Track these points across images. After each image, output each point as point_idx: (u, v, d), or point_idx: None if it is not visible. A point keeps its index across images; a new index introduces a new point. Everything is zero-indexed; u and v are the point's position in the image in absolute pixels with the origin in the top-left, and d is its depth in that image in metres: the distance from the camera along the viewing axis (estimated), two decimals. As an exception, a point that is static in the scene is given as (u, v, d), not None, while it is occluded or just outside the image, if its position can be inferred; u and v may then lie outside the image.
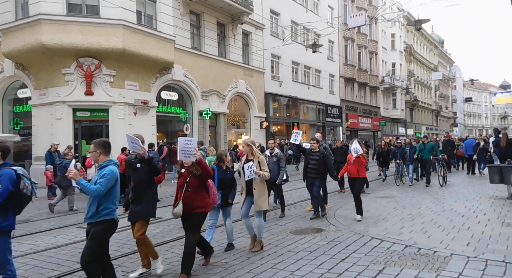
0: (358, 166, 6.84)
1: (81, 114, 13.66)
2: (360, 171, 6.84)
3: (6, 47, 13.51)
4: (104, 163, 3.59)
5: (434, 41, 54.18)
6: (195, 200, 4.23)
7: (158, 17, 14.84)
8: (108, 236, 3.58)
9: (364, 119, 33.97)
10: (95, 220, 3.48)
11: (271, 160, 7.17)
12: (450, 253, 4.56)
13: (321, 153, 7.11)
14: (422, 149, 11.42)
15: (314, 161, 7.09)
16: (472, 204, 7.85)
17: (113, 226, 3.60)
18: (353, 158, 6.81)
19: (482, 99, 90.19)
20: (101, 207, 3.47)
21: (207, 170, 4.26)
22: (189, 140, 4.23)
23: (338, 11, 30.02)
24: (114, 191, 3.55)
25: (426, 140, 11.80)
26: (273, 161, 7.17)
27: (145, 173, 4.27)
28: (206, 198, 4.38)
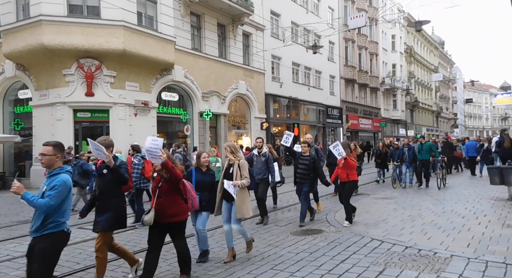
0: (347, 170, 6.54)
1: (82, 115, 13.67)
2: (350, 174, 6.56)
3: (7, 48, 13.54)
4: (55, 170, 3.10)
5: (435, 42, 54.20)
6: (169, 207, 3.86)
7: (158, 18, 14.86)
8: (58, 250, 3.11)
9: (364, 120, 33.96)
10: (40, 233, 3.00)
11: (259, 160, 7.00)
12: (450, 254, 4.56)
13: (311, 157, 6.71)
14: (420, 150, 11.21)
15: (304, 165, 6.68)
16: (472, 205, 7.85)
17: (62, 239, 3.13)
18: (342, 161, 6.50)
19: (483, 101, 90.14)
20: (48, 220, 3.02)
21: (174, 173, 3.82)
22: (156, 140, 3.82)
23: (338, 12, 30.04)
24: (66, 203, 3.11)
25: (424, 140, 11.56)
26: (261, 161, 6.98)
27: (111, 181, 3.90)
28: (182, 204, 4.01)
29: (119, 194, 4.02)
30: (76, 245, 5.79)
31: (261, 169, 6.91)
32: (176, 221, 3.91)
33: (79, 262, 4.94)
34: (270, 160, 6.99)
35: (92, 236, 6.31)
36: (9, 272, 4.69)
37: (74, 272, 4.55)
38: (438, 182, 10.73)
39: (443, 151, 14.83)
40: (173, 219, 3.88)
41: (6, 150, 15.74)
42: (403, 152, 11.39)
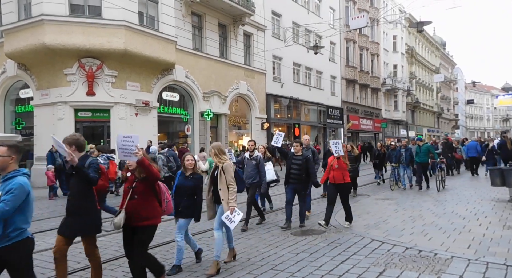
0: (342, 171, 6.34)
1: (83, 114, 13.69)
2: (345, 175, 6.37)
3: (9, 47, 13.57)
4: (10, 173, 2.85)
5: (436, 43, 54.14)
6: (142, 209, 3.59)
7: (160, 18, 14.87)
8: (29, 258, 2.91)
9: (365, 121, 33.93)
10: (4, 244, 2.74)
11: (250, 163, 6.75)
12: (450, 255, 4.55)
13: (304, 156, 6.44)
14: (418, 152, 10.96)
15: (296, 165, 6.40)
16: (473, 207, 7.84)
17: (30, 245, 2.93)
18: (336, 164, 6.28)
19: (484, 102, 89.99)
20: (9, 228, 2.76)
21: (151, 171, 3.56)
22: (129, 137, 3.58)
23: (339, 12, 30.02)
24: (26, 208, 2.84)
25: (421, 142, 11.36)
26: (252, 164, 6.70)
27: (79, 181, 3.58)
28: (157, 207, 3.74)
29: (89, 195, 3.67)
30: (76, 244, 5.78)
31: (252, 173, 6.68)
32: (148, 225, 3.63)
33: (79, 261, 4.95)
34: (262, 164, 6.73)
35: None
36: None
37: (74, 271, 4.55)
38: (437, 184, 10.53)
39: (443, 152, 14.66)
40: (147, 222, 3.61)
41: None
42: (400, 153, 11.16)
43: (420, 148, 10.97)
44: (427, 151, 10.90)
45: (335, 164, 6.31)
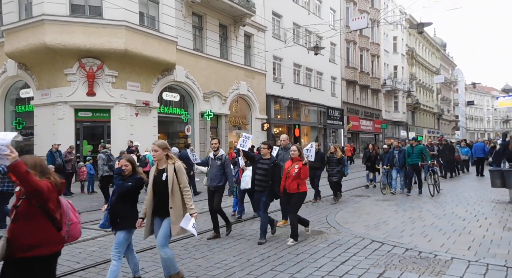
0: (299, 180, 5.52)
1: (83, 114, 13.70)
2: (301, 184, 5.57)
3: (9, 47, 13.57)
4: None
5: (436, 44, 54.16)
6: (27, 235, 2.58)
7: (160, 19, 14.88)
8: None
9: (365, 122, 33.93)
10: None
11: (214, 164, 6.04)
12: (451, 257, 4.54)
13: (271, 161, 5.69)
14: (410, 153, 10.14)
15: (262, 170, 5.64)
16: (473, 208, 7.83)
17: None
18: (296, 169, 5.47)
19: (484, 103, 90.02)
20: None
21: (29, 182, 2.48)
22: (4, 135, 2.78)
23: (340, 13, 30.05)
24: None
25: (415, 142, 10.53)
26: (217, 165, 6.01)
27: None
28: (50, 231, 2.68)
29: None
30: (76, 244, 5.79)
31: (217, 175, 5.98)
32: (37, 255, 2.60)
33: (79, 261, 4.94)
34: (227, 164, 6.04)
35: (92, 235, 6.32)
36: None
37: (74, 271, 4.55)
38: (430, 189, 9.69)
39: (442, 153, 14.39)
40: (34, 252, 2.59)
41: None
42: (393, 155, 10.46)
43: (412, 149, 10.17)
44: (420, 153, 10.08)
45: (293, 169, 5.48)
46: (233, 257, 4.92)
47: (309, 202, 9.00)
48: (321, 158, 9.21)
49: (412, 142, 10.56)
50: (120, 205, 3.81)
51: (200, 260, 4.86)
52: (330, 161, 9.44)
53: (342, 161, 9.41)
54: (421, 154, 10.06)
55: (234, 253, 5.12)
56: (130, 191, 3.84)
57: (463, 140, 18.26)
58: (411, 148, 10.19)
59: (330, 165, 9.41)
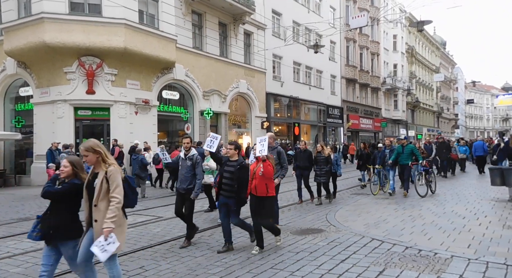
0: (266, 180, 5.02)
1: (83, 113, 13.67)
2: (270, 186, 5.07)
3: (9, 45, 13.54)
4: None
5: (436, 42, 54.13)
6: None
7: (160, 17, 14.84)
8: None
9: (365, 120, 33.94)
10: None
11: (184, 164, 5.53)
12: (450, 255, 4.55)
13: (238, 162, 5.08)
14: (400, 152, 9.66)
15: (228, 173, 5.06)
16: (473, 206, 7.84)
17: None
18: (261, 169, 4.98)
19: (484, 101, 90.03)
20: None
21: None
22: None
23: (340, 12, 29.99)
24: None
25: (406, 141, 10.05)
26: (187, 165, 5.48)
27: None
28: None
29: None
30: (76, 242, 5.79)
31: (186, 176, 5.45)
32: None
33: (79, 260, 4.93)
34: (199, 165, 5.53)
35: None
36: (9, 269, 4.69)
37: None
38: (418, 190, 9.15)
39: (438, 152, 14.03)
40: None
41: (7, 148, 15.76)
42: (384, 154, 10.08)
43: (403, 149, 9.67)
44: (411, 152, 9.61)
45: (259, 169, 5.01)
46: (233, 255, 4.92)
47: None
48: (308, 157, 8.83)
49: (403, 141, 10.00)
50: (53, 214, 3.21)
51: (200, 258, 4.86)
52: (318, 160, 8.82)
53: (330, 159, 8.90)
54: (411, 154, 9.60)
55: (234, 251, 5.12)
56: (59, 196, 3.21)
57: (461, 138, 18.06)
58: (402, 148, 9.72)
59: (318, 164, 8.78)
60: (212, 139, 5.41)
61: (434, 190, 9.83)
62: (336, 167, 9.40)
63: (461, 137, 20.62)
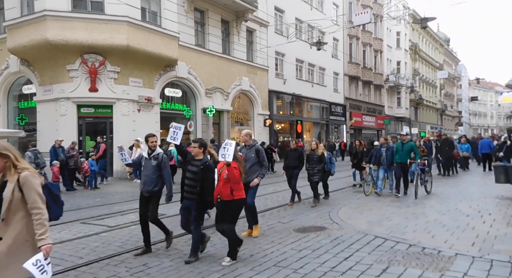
0: (232, 183, 4.51)
1: (85, 110, 13.71)
2: (236, 189, 4.55)
3: (12, 43, 13.57)
4: None
5: (440, 39, 53.78)
6: None
7: (162, 14, 14.82)
8: None
9: (368, 117, 33.84)
10: None
11: (148, 164, 5.04)
12: (454, 253, 4.52)
13: (203, 162, 4.61)
14: (399, 150, 9.10)
15: (191, 173, 4.61)
16: (477, 204, 7.79)
17: None
18: (226, 171, 4.47)
19: (488, 99, 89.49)
20: None
21: None
22: None
23: (343, 8, 29.84)
24: None
25: (406, 138, 9.43)
26: (152, 166, 4.99)
27: None
28: None
29: None
30: (79, 239, 5.82)
31: (151, 177, 4.96)
32: None
33: (82, 256, 4.96)
34: (165, 165, 5.04)
35: (95, 231, 6.34)
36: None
37: (77, 266, 4.56)
38: (416, 190, 8.69)
39: (441, 149, 13.63)
40: None
41: (11, 145, 15.81)
42: (380, 153, 9.38)
43: (402, 146, 9.10)
44: (410, 150, 9.06)
45: (223, 172, 4.54)
46: (236, 253, 4.91)
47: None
48: (299, 156, 8.40)
49: (404, 137, 9.41)
50: None
51: (203, 255, 4.86)
52: (310, 158, 8.39)
53: (324, 158, 8.40)
54: (410, 152, 9.07)
55: (237, 248, 5.11)
56: None
57: (463, 136, 17.61)
58: (401, 145, 9.13)
59: (311, 163, 8.33)
60: (176, 130, 4.88)
61: (429, 190, 9.38)
62: (330, 165, 8.92)
63: (464, 135, 20.31)
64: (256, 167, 5.80)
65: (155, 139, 5.17)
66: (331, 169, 9.00)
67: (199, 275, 4.18)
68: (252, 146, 5.94)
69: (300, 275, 4.03)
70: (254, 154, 5.84)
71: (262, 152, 6.00)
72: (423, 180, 9.27)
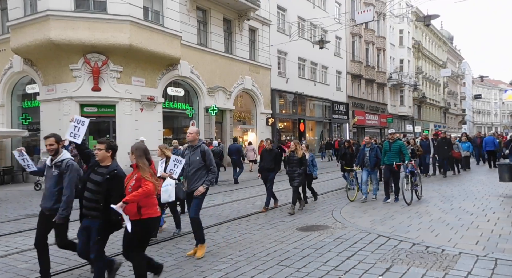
0: (147, 199, 3.51)
1: (88, 110, 13.75)
2: (144, 206, 3.51)
3: (15, 43, 13.63)
4: None
5: (443, 37, 53.48)
6: None
7: (165, 13, 14.83)
8: None
9: (371, 116, 33.73)
10: None
11: (49, 174, 4.04)
12: (458, 251, 4.50)
13: (109, 170, 3.63)
14: (386, 150, 8.21)
15: (94, 184, 3.65)
16: (481, 202, 7.75)
17: None
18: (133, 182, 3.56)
19: (492, 96, 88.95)
20: None
21: None
22: None
23: (345, 7, 29.74)
24: None
25: (394, 136, 8.40)
26: (53, 175, 3.97)
27: None
28: None
29: None
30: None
31: (52, 192, 3.93)
32: None
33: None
34: (70, 175, 3.89)
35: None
36: (18, 265, 4.73)
37: (82, 266, 4.58)
38: (405, 196, 7.69)
39: (438, 149, 12.74)
40: None
41: (14, 144, 15.89)
42: (363, 153, 8.50)
43: (390, 146, 8.18)
44: (399, 150, 8.09)
45: (129, 183, 3.57)
46: (239, 252, 4.92)
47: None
48: (274, 158, 7.74)
49: (392, 136, 8.36)
50: None
51: (206, 254, 4.86)
52: (290, 161, 7.60)
53: (305, 160, 7.61)
54: (399, 152, 8.08)
55: (239, 247, 5.12)
56: None
57: (464, 134, 16.59)
58: (388, 144, 8.19)
59: (290, 166, 7.56)
60: (77, 125, 4.03)
61: (420, 195, 8.36)
62: (312, 168, 8.16)
63: (464, 132, 19.88)
64: (202, 172, 4.81)
65: (50, 141, 3.94)
66: (313, 172, 8.24)
67: (202, 274, 4.19)
68: (197, 146, 4.88)
69: (303, 274, 4.03)
70: (200, 157, 4.80)
71: (208, 153, 4.88)
72: (414, 183, 8.16)
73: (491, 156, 15.60)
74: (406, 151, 8.20)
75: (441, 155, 12.80)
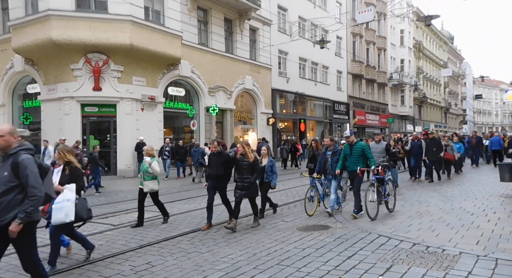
0: None
1: (89, 109, 13.77)
2: None
3: (16, 42, 13.65)
4: None
5: (444, 37, 53.42)
6: None
7: (165, 13, 14.84)
8: None
9: (371, 116, 33.71)
10: None
11: None
12: (459, 251, 4.50)
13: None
14: (347, 154, 6.85)
15: None
16: (481, 202, 7.74)
17: None
18: None
19: (493, 96, 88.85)
20: None
21: None
22: None
23: (346, 6, 29.72)
24: None
25: (353, 139, 6.95)
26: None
27: None
28: None
29: None
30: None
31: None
32: None
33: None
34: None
35: (99, 229, 6.37)
36: (20, 264, 4.74)
37: (83, 265, 4.59)
38: (367, 209, 6.38)
39: (427, 151, 11.34)
40: None
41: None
42: (325, 158, 7.17)
43: (351, 149, 6.85)
44: (362, 154, 6.77)
45: None
46: (239, 252, 4.92)
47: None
48: (224, 162, 6.25)
49: (350, 138, 6.92)
50: None
51: (207, 254, 4.88)
52: (238, 166, 6.21)
53: (257, 166, 6.21)
54: (362, 156, 6.77)
55: (240, 247, 5.12)
56: None
57: (454, 134, 15.30)
58: (349, 147, 6.86)
59: (240, 172, 6.18)
60: None
61: (392, 208, 7.06)
62: (271, 176, 6.71)
63: (454, 132, 17.84)
64: (13, 196, 3.06)
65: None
66: (272, 180, 6.73)
67: (203, 273, 4.19)
68: (9, 155, 3.12)
69: (303, 274, 4.03)
70: (9, 171, 3.07)
71: (24, 167, 3.07)
72: (382, 194, 6.93)
73: (497, 155, 15.98)
74: (370, 154, 6.82)
75: (430, 157, 11.38)
